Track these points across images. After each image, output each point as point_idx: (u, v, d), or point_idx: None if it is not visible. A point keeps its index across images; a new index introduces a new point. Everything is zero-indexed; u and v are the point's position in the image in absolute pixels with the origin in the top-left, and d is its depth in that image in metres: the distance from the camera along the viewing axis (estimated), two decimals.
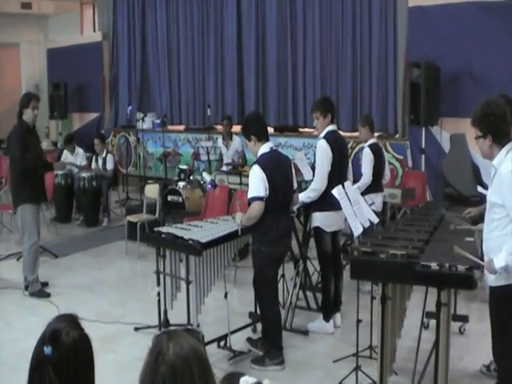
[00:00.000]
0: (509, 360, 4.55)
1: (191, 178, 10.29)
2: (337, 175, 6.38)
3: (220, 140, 11.53)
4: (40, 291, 7.96)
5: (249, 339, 6.16)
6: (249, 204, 5.69)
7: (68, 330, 2.32)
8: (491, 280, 4.47)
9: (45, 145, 7.73)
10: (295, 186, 6.03)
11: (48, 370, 2.26)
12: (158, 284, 6.41)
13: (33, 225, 7.89)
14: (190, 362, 2.12)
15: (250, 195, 5.65)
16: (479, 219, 5.20)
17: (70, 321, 2.40)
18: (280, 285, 6.43)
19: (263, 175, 5.61)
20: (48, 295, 7.91)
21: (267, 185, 5.61)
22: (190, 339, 2.20)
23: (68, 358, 2.29)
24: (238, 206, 6.52)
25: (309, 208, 6.74)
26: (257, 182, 5.61)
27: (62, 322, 2.38)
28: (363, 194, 7.51)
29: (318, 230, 6.59)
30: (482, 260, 4.37)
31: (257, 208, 5.61)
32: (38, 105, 7.85)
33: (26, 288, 8.01)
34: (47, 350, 2.27)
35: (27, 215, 7.81)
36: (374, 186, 7.87)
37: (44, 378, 2.25)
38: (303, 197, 6.44)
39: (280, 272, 6.26)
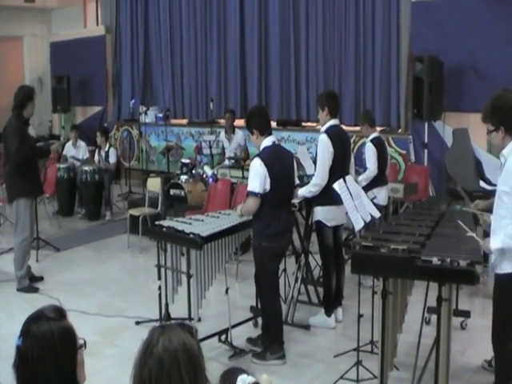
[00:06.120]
0: (507, 346, 4.58)
1: (193, 171, 10.28)
2: (338, 170, 6.35)
3: (222, 134, 11.51)
4: (29, 286, 7.87)
5: (249, 339, 6.14)
6: (247, 196, 5.70)
7: (40, 322, 2.34)
8: (497, 267, 4.54)
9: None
10: (296, 181, 6.03)
11: (16, 359, 2.30)
12: (159, 278, 6.40)
13: (26, 220, 7.82)
14: (178, 357, 2.14)
15: (247, 188, 5.69)
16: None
17: (49, 312, 2.40)
18: (282, 279, 6.43)
19: (264, 170, 5.59)
20: (36, 290, 7.83)
21: (268, 179, 5.60)
22: (182, 333, 2.21)
23: (32, 347, 2.30)
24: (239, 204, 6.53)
25: (310, 202, 6.73)
26: (255, 177, 5.61)
27: (39, 313, 2.41)
28: (368, 188, 7.53)
29: (319, 224, 6.59)
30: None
31: (251, 203, 5.65)
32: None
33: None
34: (18, 341, 2.31)
35: (21, 210, 7.76)
36: (379, 180, 7.90)
37: (16, 367, 2.31)
38: (304, 191, 6.44)
39: (282, 266, 6.25)
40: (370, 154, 7.90)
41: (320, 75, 12.02)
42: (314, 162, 6.87)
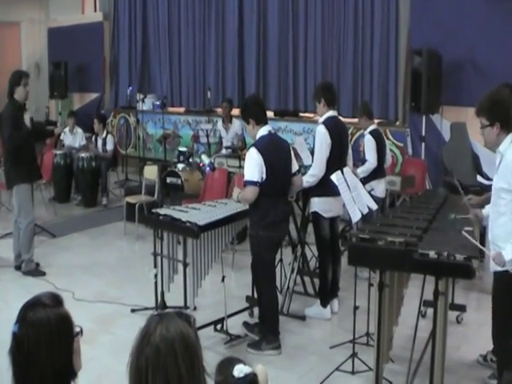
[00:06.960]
0: (509, 342, 4.59)
1: (190, 160, 10.27)
2: (336, 161, 6.37)
3: (220, 123, 11.50)
4: (35, 270, 8.00)
5: (245, 323, 6.17)
6: (244, 186, 5.69)
7: (36, 309, 2.34)
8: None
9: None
10: (296, 168, 6.00)
11: (12, 346, 2.31)
12: (155, 266, 6.42)
13: (29, 204, 7.92)
14: (175, 345, 2.14)
15: (245, 178, 5.67)
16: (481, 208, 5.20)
17: (45, 299, 2.40)
18: (278, 270, 6.43)
19: (260, 159, 5.59)
20: (43, 274, 7.94)
21: (264, 169, 5.59)
22: (179, 323, 2.21)
23: (28, 334, 2.30)
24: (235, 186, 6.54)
25: (307, 193, 6.74)
26: (252, 166, 5.60)
27: (35, 299, 2.40)
28: (366, 180, 7.54)
29: (316, 215, 6.59)
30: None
31: (250, 192, 5.62)
32: (28, 81, 7.82)
33: (17, 268, 8.07)
34: (14, 327, 2.32)
35: (22, 195, 7.82)
36: (377, 172, 7.90)
37: (12, 354, 2.32)
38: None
39: (278, 257, 6.25)
40: (370, 147, 7.88)
41: (318, 66, 11.98)
42: (312, 153, 6.87)
